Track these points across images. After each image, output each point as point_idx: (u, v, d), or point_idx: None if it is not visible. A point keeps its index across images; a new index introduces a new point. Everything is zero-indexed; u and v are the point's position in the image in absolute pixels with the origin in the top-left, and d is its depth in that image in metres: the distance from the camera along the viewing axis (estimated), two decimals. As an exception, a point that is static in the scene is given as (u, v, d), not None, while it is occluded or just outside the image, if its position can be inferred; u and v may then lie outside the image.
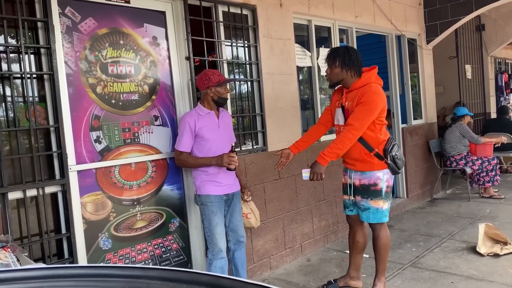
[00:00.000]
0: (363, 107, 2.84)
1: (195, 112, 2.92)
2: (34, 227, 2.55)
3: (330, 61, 2.97)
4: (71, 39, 2.70)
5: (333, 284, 3.28)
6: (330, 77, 3.03)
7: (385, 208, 3.01)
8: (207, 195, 2.87)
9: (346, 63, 2.93)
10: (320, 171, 2.85)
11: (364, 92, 2.87)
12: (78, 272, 0.60)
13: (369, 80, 2.95)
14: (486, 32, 8.42)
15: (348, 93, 2.99)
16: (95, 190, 2.79)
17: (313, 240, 4.25)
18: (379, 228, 3.05)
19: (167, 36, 3.21)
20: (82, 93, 2.75)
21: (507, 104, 9.53)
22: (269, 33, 3.85)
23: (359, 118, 2.83)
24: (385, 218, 3.03)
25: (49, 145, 2.63)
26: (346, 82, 2.98)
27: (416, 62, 6.03)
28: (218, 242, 2.85)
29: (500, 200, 5.81)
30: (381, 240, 3.05)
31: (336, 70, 2.95)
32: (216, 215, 2.87)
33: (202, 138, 2.87)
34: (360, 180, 3.01)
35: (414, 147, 5.85)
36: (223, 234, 2.90)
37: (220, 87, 2.89)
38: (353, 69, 2.94)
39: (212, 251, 2.87)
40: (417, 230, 4.70)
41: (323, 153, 2.85)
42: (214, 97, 2.89)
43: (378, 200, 2.96)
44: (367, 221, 3.06)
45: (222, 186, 2.91)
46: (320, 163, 2.85)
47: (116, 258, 2.88)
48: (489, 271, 3.43)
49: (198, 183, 2.92)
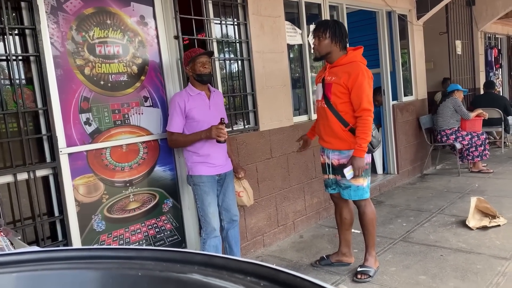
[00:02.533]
0: (363, 88, 2.85)
1: (185, 93, 2.88)
2: (27, 210, 2.54)
3: (320, 32, 2.94)
4: (56, 19, 2.64)
5: (326, 259, 3.34)
6: (318, 49, 2.98)
7: (365, 185, 3.04)
8: (199, 176, 2.87)
9: (336, 35, 2.92)
10: (362, 164, 2.89)
11: (354, 69, 2.87)
12: (71, 255, 0.60)
13: (355, 58, 2.95)
14: (476, 7, 8.39)
15: (332, 68, 2.98)
16: (86, 172, 2.78)
17: (305, 217, 4.30)
18: (363, 204, 3.09)
19: (155, 15, 3.15)
20: (70, 74, 2.71)
21: (496, 79, 9.58)
22: (259, 10, 3.80)
23: (369, 101, 2.88)
24: (366, 194, 3.06)
25: (38, 128, 2.60)
26: (332, 55, 2.97)
27: (406, 38, 6.01)
28: (211, 221, 2.87)
29: (488, 174, 5.91)
30: (367, 216, 3.10)
31: (325, 41, 2.93)
32: (209, 195, 2.87)
33: (192, 119, 2.84)
34: (339, 159, 3.03)
35: (405, 124, 5.89)
36: (216, 213, 2.92)
37: (193, 63, 2.82)
38: (341, 43, 2.95)
39: (205, 230, 2.89)
40: (407, 206, 4.77)
41: (359, 146, 2.85)
42: (194, 75, 2.85)
43: (358, 178, 2.98)
44: (349, 198, 3.09)
45: (214, 166, 2.91)
46: (360, 156, 2.86)
47: (110, 239, 2.90)
48: (477, 244, 3.51)
49: (190, 164, 2.91)
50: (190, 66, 2.84)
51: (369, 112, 2.87)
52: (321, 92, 3.04)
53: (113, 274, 0.59)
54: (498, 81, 9.77)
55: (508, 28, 10.33)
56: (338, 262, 3.31)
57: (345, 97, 2.92)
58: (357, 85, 2.85)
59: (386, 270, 3.18)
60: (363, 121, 2.87)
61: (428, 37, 6.69)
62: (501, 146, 7.54)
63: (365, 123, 2.86)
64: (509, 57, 10.60)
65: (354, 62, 2.92)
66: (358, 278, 3.04)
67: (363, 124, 2.86)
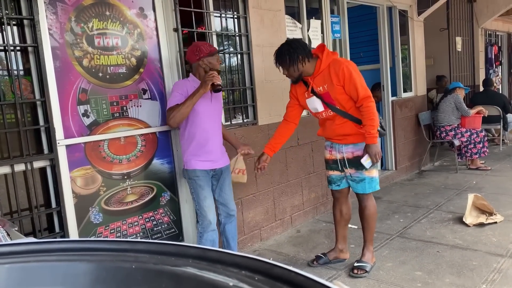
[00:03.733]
0: (353, 78, 2.83)
1: (190, 82, 2.85)
2: (24, 202, 2.54)
3: (280, 64, 2.93)
4: (55, 10, 2.62)
5: (324, 258, 3.30)
6: (290, 76, 2.99)
7: (377, 176, 3.09)
8: (193, 170, 2.86)
9: (295, 58, 2.86)
10: (378, 150, 2.88)
11: (337, 67, 2.85)
12: (64, 246, 0.60)
13: (330, 57, 2.93)
14: (477, 4, 8.36)
15: (315, 78, 2.94)
16: (84, 164, 2.78)
17: (302, 212, 4.31)
18: (366, 198, 3.10)
19: (154, 7, 3.13)
20: (69, 66, 2.70)
21: (496, 76, 9.57)
22: (259, 3, 3.78)
23: (364, 88, 2.87)
24: (377, 186, 3.10)
25: (36, 120, 2.59)
26: (306, 71, 2.94)
27: (406, 34, 5.99)
28: (208, 215, 2.87)
29: (486, 171, 5.92)
30: (369, 209, 3.11)
31: (291, 68, 2.89)
32: (204, 189, 2.87)
33: (193, 111, 2.77)
34: (353, 152, 3.00)
35: (404, 120, 5.89)
36: (212, 207, 2.92)
37: (211, 57, 2.83)
38: (305, 57, 2.89)
39: (202, 223, 2.89)
40: (405, 202, 4.78)
41: (369, 133, 2.84)
42: (206, 68, 2.81)
43: (372, 168, 3.00)
44: (362, 192, 3.06)
45: (208, 161, 2.89)
46: (373, 142, 2.86)
47: (108, 231, 2.90)
48: (474, 240, 3.52)
49: (185, 157, 2.90)
50: (208, 59, 2.81)
51: (368, 98, 2.85)
52: (319, 103, 2.99)
53: (106, 267, 0.58)
54: (497, 78, 9.76)
55: (508, 25, 10.31)
56: (336, 259, 3.30)
57: (345, 95, 2.91)
58: (347, 78, 2.84)
59: (382, 265, 3.19)
60: (366, 108, 2.86)
61: (429, 33, 6.67)
62: (500, 143, 7.56)
63: (369, 109, 2.85)
64: (509, 55, 10.58)
65: (332, 61, 2.90)
66: (355, 273, 3.05)
67: (368, 111, 2.85)
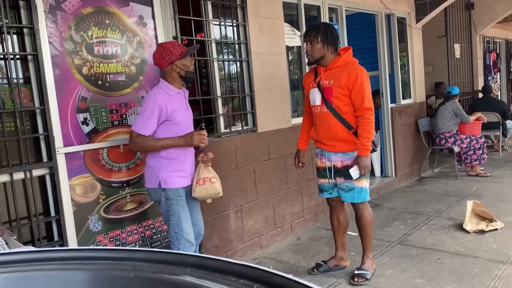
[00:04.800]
0: (363, 87, 2.85)
1: (163, 92, 2.52)
2: (23, 210, 2.53)
3: (312, 37, 2.91)
4: (55, 18, 2.64)
5: (324, 265, 3.27)
6: (312, 54, 2.94)
7: (367, 186, 3.04)
8: (176, 189, 2.56)
9: (328, 38, 2.90)
10: (368, 163, 2.88)
11: (352, 70, 2.87)
12: (61, 255, 0.60)
13: (350, 58, 2.95)
14: (475, 11, 8.40)
15: (327, 71, 2.95)
16: (83, 172, 2.77)
17: (303, 219, 4.30)
18: (362, 207, 3.07)
19: (153, 15, 3.14)
20: (68, 74, 2.70)
21: (495, 83, 9.60)
22: (258, 12, 3.80)
23: (370, 100, 2.88)
24: (367, 196, 3.05)
25: (35, 128, 2.59)
26: (326, 59, 2.94)
27: (405, 41, 6.02)
28: (190, 237, 2.61)
29: (486, 178, 5.91)
30: (366, 218, 3.08)
31: (318, 46, 2.90)
32: (185, 210, 2.61)
33: (172, 121, 2.52)
34: (343, 161, 2.98)
35: (403, 127, 5.89)
36: (191, 227, 2.65)
37: (184, 58, 2.54)
38: (333, 46, 2.93)
39: (182, 247, 2.59)
40: (405, 209, 4.77)
41: (363, 145, 2.83)
42: (181, 72, 2.54)
43: (362, 179, 2.97)
44: (351, 201, 3.04)
45: (185, 176, 2.63)
46: (365, 155, 2.86)
47: (107, 240, 2.89)
48: (474, 247, 3.51)
49: (163, 175, 2.55)
50: (181, 61, 2.53)
51: (370, 111, 2.86)
52: (318, 97, 2.99)
53: (104, 276, 0.58)
54: (496, 85, 9.79)
55: (506, 32, 10.36)
56: (336, 266, 3.28)
57: (346, 99, 2.90)
58: (358, 84, 2.84)
59: (383, 273, 3.17)
60: (365, 120, 2.86)
61: (427, 40, 6.70)
62: (499, 150, 7.56)
63: (367, 122, 2.85)
64: (507, 61, 10.62)
65: (350, 63, 2.92)
66: (355, 281, 3.03)
67: (366, 123, 2.85)
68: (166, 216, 2.64)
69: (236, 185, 3.61)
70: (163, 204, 2.62)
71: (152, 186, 2.60)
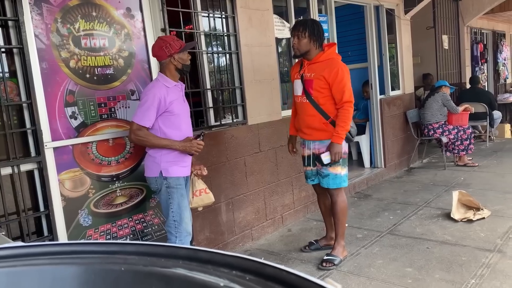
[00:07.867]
0: (343, 82, 3.03)
1: (162, 85, 2.62)
2: (11, 205, 2.50)
3: (299, 32, 3.08)
4: (40, 11, 2.59)
5: (315, 244, 3.49)
6: (298, 47, 3.12)
7: (343, 173, 3.20)
8: (176, 178, 2.65)
9: (314, 34, 3.07)
10: (339, 150, 3.05)
11: (333, 66, 3.05)
12: (51, 250, 0.59)
13: (333, 54, 3.15)
14: (463, 2, 8.45)
15: (310, 65, 3.13)
16: (72, 167, 2.75)
17: (293, 211, 4.32)
18: (336, 193, 3.23)
19: (141, 7, 3.11)
20: (55, 67, 2.66)
21: (482, 74, 9.68)
22: (247, 3, 3.78)
23: (350, 94, 3.05)
24: (344, 183, 3.22)
25: (22, 122, 2.55)
26: (311, 53, 3.12)
27: (394, 32, 6.03)
28: (188, 226, 2.70)
29: (473, 168, 5.99)
30: (339, 205, 3.23)
31: (304, 40, 3.07)
32: (185, 198, 2.70)
33: (171, 113, 2.61)
34: (319, 149, 3.17)
35: (392, 118, 5.93)
36: (190, 217, 2.75)
37: (183, 53, 2.66)
38: (318, 41, 3.10)
39: (179, 236, 2.67)
40: (394, 199, 4.82)
41: (337, 133, 3.04)
42: (178, 65, 2.65)
43: (336, 166, 3.14)
44: (327, 186, 3.22)
45: (186, 166, 2.73)
46: (338, 142, 3.04)
47: (97, 234, 2.87)
48: (462, 236, 3.56)
49: (164, 164, 2.64)
50: (179, 55, 2.65)
51: (350, 103, 3.06)
52: (300, 88, 3.18)
53: (95, 270, 0.58)
54: (483, 76, 9.88)
55: (493, 23, 10.44)
56: (327, 246, 3.44)
57: (326, 91, 3.09)
58: (338, 80, 3.03)
59: (373, 262, 3.21)
60: (344, 111, 3.05)
61: (416, 32, 6.73)
62: (486, 140, 7.65)
63: (346, 113, 3.05)
64: (494, 52, 10.71)
65: (332, 59, 3.10)
66: (324, 265, 3.17)
67: (344, 114, 3.05)
68: (166, 205, 2.71)
69: (227, 177, 3.61)
70: (163, 193, 2.69)
71: (153, 175, 2.68)
